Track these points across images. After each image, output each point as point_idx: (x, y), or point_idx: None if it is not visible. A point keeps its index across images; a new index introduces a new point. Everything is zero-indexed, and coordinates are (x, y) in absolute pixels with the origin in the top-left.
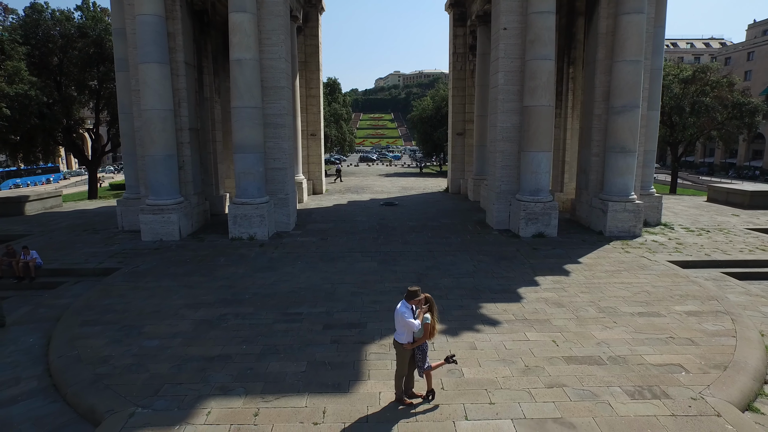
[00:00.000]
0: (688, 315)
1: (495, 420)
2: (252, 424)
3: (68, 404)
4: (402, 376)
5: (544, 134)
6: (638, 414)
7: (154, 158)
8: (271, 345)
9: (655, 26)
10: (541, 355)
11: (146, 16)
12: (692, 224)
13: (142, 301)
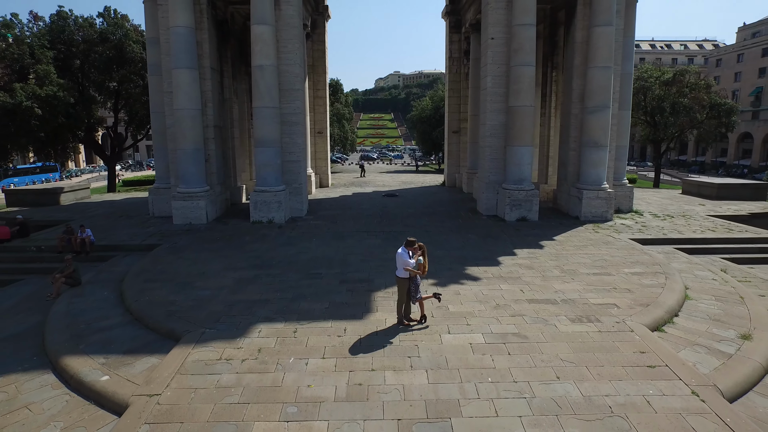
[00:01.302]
0: (633, 274)
1: (470, 334)
2: (293, 337)
3: (151, 329)
4: (402, 304)
5: (527, 131)
6: (575, 331)
7: (185, 151)
8: (300, 293)
9: (624, 36)
10: (509, 298)
11: (179, 28)
12: (660, 211)
13: (187, 267)
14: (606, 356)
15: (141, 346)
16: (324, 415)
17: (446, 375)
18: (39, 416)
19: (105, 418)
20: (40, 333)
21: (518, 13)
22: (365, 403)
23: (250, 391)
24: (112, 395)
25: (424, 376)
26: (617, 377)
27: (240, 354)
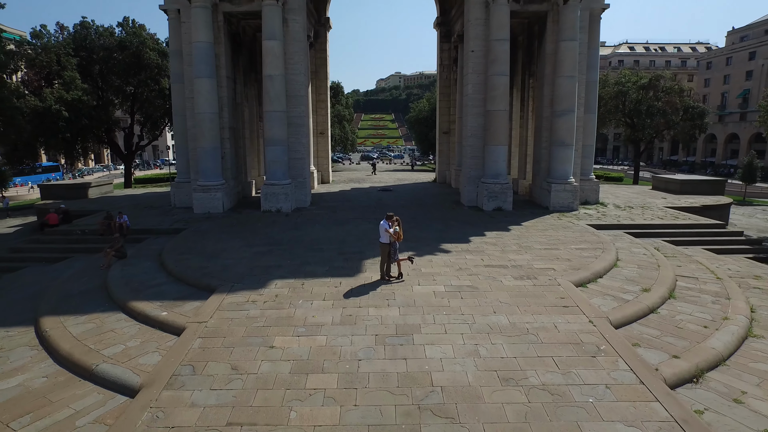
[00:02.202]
0: (577, 249)
1: (434, 286)
2: (301, 288)
3: (191, 285)
4: (383, 263)
5: (502, 132)
6: (515, 285)
7: (204, 149)
8: (306, 261)
9: (589, 48)
10: (470, 264)
11: (200, 43)
12: (624, 203)
13: (212, 245)
14: (534, 300)
15: (185, 296)
16: (324, 332)
17: (413, 310)
18: (122, 335)
19: (168, 337)
20: (105, 290)
21: (494, 30)
22: (353, 326)
23: (271, 320)
24: (171, 323)
25: (397, 310)
26: (538, 312)
27: (261, 298)
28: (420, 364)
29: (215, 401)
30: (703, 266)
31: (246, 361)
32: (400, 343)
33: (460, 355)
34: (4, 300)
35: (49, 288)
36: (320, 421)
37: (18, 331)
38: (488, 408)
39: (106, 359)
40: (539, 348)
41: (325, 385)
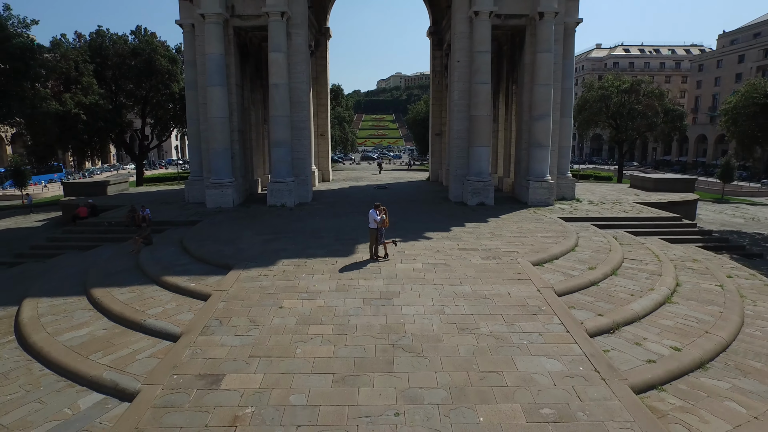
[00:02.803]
0: (543, 237)
1: (414, 263)
2: (304, 265)
3: (212, 265)
4: (372, 245)
5: (485, 134)
6: (481, 263)
7: (216, 150)
8: (307, 245)
9: (564, 59)
10: (447, 248)
11: (213, 55)
12: (598, 199)
13: (226, 233)
14: (495, 275)
15: (207, 272)
16: (322, 297)
17: (395, 281)
18: (160, 301)
19: (196, 302)
20: (138, 269)
21: (477, 43)
22: (346, 292)
23: (280, 288)
24: (199, 291)
25: (382, 281)
26: (496, 284)
27: (271, 273)
28: (397, 318)
29: (239, 343)
30: (651, 252)
31: (261, 317)
32: (382, 304)
33: (429, 313)
34: (55, 277)
35: (91, 268)
36: (319, 355)
37: (74, 299)
38: (446, 347)
39: (150, 316)
40: (492, 308)
41: (322, 332)
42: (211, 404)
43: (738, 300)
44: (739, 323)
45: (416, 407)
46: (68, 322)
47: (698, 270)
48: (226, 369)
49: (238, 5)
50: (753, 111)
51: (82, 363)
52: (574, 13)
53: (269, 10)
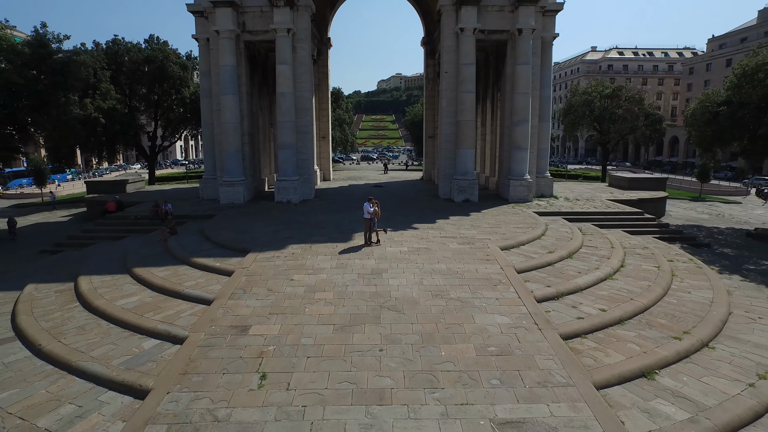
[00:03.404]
0: (515, 228)
1: (401, 247)
2: (309, 249)
3: (231, 249)
4: (366, 232)
5: (470, 138)
6: (458, 247)
7: (228, 152)
8: (311, 234)
9: (542, 70)
10: (430, 236)
11: (226, 66)
12: (573, 197)
13: (240, 224)
14: (467, 256)
15: (228, 255)
16: (324, 272)
17: (384, 261)
18: (192, 277)
19: (222, 278)
20: (168, 254)
21: (462, 56)
22: (344, 269)
23: (290, 266)
24: (224, 269)
25: (374, 261)
26: (467, 263)
27: (282, 255)
28: (384, 288)
29: (260, 304)
30: (608, 240)
31: (276, 287)
32: (373, 278)
33: (410, 284)
34: (97, 261)
35: (128, 253)
36: (322, 312)
37: (119, 276)
38: (421, 307)
39: (186, 287)
40: (461, 281)
41: (325, 297)
42: (242, 344)
43: (668, 277)
44: (661, 294)
45: (395, 346)
46: (119, 293)
47: (644, 255)
48: (251, 322)
49: (249, 22)
50: (708, 118)
51: (139, 319)
52: (551, 29)
53: (277, 27)
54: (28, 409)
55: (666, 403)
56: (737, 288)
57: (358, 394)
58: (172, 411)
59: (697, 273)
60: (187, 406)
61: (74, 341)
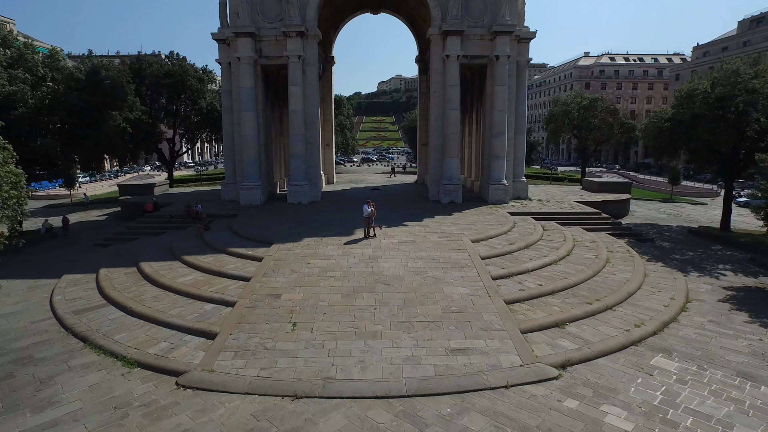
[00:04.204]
0: (487, 225)
1: (392, 240)
2: (320, 241)
3: (257, 241)
4: (365, 228)
5: (455, 149)
6: (437, 240)
7: (247, 160)
8: (321, 230)
9: (517, 89)
10: (416, 231)
11: (246, 87)
12: (546, 199)
13: (261, 222)
14: (444, 246)
15: (256, 246)
16: (333, 258)
17: (379, 250)
18: (230, 262)
19: (254, 263)
20: (206, 245)
21: (448, 79)
22: (348, 255)
23: (306, 254)
24: (255, 256)
25: (371, 250)
26: (444, 251)
27: (300, 245)
28: (378, 268)
29: (286, 280)
30: (563, 235)
31: (297, 268)
32: (370, 262)
33: (398, 266)
34: (148, 251)
35: (173, 245)
36: (333, 285)
37: (171, 262)
38: (405, 282)
39: (228, 269)
40: (437, 264)
41: (334, 275)
42: (277, 306)
43: (601, 263)
44: (591, 275)
45: (385, 306)
46: (176, 273)
47: (590, 247)
48: (281, 292)
49: (265, 49)
50: (657, 132)
51: (198, 291)
52: (525, 54)
53: (289, 54)
54: (138, 344)
55: (566, 340)
56: (655, 271)
57: (359, 334)
58: (235, 344)
59: (628, 260)
60: (245, 342)
61: (154, 305)
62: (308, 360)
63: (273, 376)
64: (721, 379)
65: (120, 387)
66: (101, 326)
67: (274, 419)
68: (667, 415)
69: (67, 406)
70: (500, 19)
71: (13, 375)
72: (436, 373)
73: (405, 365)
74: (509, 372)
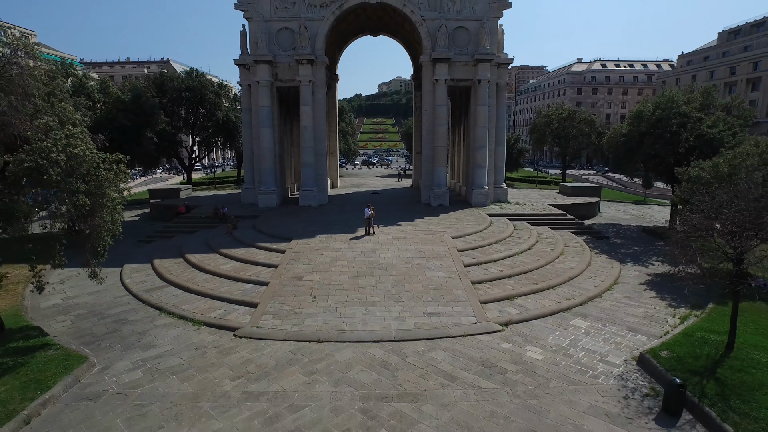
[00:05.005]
0: (467, 224)
1: (388, 236)
2: (330, 237)
3: (278, 237)
4: (366, 227)
5: (443, 159)
6: (424, 236)
7: (265, 169)
8: (330, 228)
9: (497, 108)
10: (408, 229)
11: (263, 106)
12: (523, 202)
13: (279, 222)
14: (428, 242)
15: (278, 241)
16: (341, 251)
17: (377, 244)
18: (259, 254)
19: (278, 254)
20: (237, 241)
21: (437, 99)
22: (352, 249)
23: (319, 247)
24: (279, 249)
25: (371, 244)
26: (428, 245)
27: (314, 241)
28: (376, 258)
29: (306, 267)
30: (530, 233)
31: (313, 258)
32: (370, 253)
33: (392, 257)
34: (189, 246)
35: (207, 241)
36: (341, 271)
37: (210, 254)
38: (396, 268)
39: (259, 259)
40: (422, 255)
41: (342, 263)
42: (300, 284)
43: (555, 255)
44: (544, 264)
45: (381, 284)
46: (217, 263)
47: (550, 243)
48: (302, 275)
49: (281, 73)
50: (615, 145)
51: (238, 275)
52: (504, 77)
53: (301, 79)
54: (200, 312)
55: (512, 308)
56: (599, 262)
57: (361, 303)
58: (272, 310)
59: (579, 253)
60: (279, 308)
61: (205, 285)
62: (326, 319)
63: (302, 330)
64: (614, 332)
65: (195, 337)
66: (169, 300)
67: (305, 353)
68: (568, 351)
69: (163, 347)
70: (482, 49)
71: (119, 330)
72: (416, 327)
73: (394, 323)
74: (466, 327)
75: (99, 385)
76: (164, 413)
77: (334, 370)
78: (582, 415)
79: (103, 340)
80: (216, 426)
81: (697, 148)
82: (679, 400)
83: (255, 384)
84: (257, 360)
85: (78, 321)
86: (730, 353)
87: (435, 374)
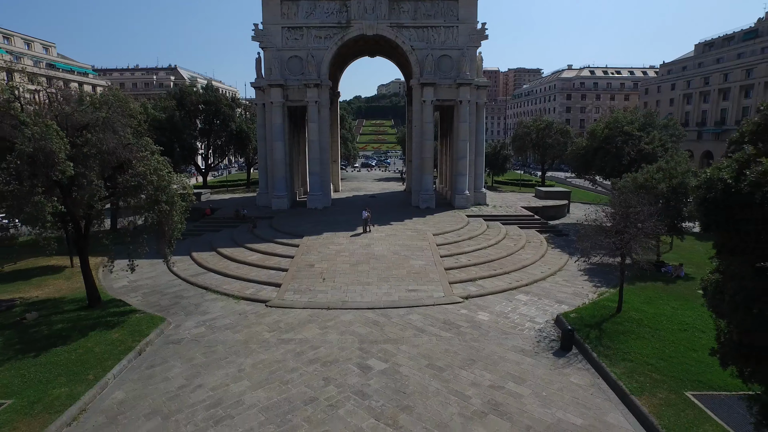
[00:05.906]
0: (447, 224)
1: (380, 234)
2: (335, 234)
3: (292, 234)
4: (363, 226)
5: (430, 167)
6: (411, 234)
7: (278, 176)
8: (334, 227)
9: (477, 123)
10: (398, 228)
11: (276, 124)
12: (500, 204)
13: (291, 222)
14: (414, 238)
15: (292, 237)
16: (344, 245)
17: (373, 240)
18: (278, 248)
19: (293, 247)
20: (257, 237)
21: (425, 116)
22: (353, 243)
23: (326, 242)
24: (293, 243)
25: (367, 240)
26: (414, 240)
27: (322, 237)
28: (371, 251)
29: (316, 257)
30: (500, 231)
31: (322, 250)
32: (367, 247)
33: (384, 249)
34: (218, 242)
35: (233, 238)
36: (344, 260)
37: (237, 248)
38: (387, 258)
39: (278, 252)
40: (408, 248)
41: (344, 254)
42: (312, 270)
43: (516, 249)
44: (505, 255)
45: (374, 270)
46: (244, 255)
47: (515, 239)
48: (314, 263)
49: (291, 95)
50: (576, 155)
51: (263, 263)
52: (483, 97)
53: (308, 100)
54: (237, 290)
55: (473, 287)
56: (552, 254)
57: (360, 283)
58: (292, 288)
59: (537, 247)
60: (298, 287)
61: (238, 272)
62: (333, 294)
63: (316, 301)
64: (546, 303)
65: (236, 307)
66: (212, 282)
67: (319, 316)
68: (508, 315)
69: (215, 313)
70: (463, 74)
71: (179, 302)
72: (399, 299)
73: (383, 296)
74: (436, 299)
75: (177, 335)
76: (226, 350)
77: (340, 326)
78: (506, 350)
79: (170, 309)
80: (262, 356)
81: (637, 160)
82: (570, 339)
83: (286, 334)
84: (285, 320)
85: (146, 296)
86: (618, 314)
87: (410, 328)
